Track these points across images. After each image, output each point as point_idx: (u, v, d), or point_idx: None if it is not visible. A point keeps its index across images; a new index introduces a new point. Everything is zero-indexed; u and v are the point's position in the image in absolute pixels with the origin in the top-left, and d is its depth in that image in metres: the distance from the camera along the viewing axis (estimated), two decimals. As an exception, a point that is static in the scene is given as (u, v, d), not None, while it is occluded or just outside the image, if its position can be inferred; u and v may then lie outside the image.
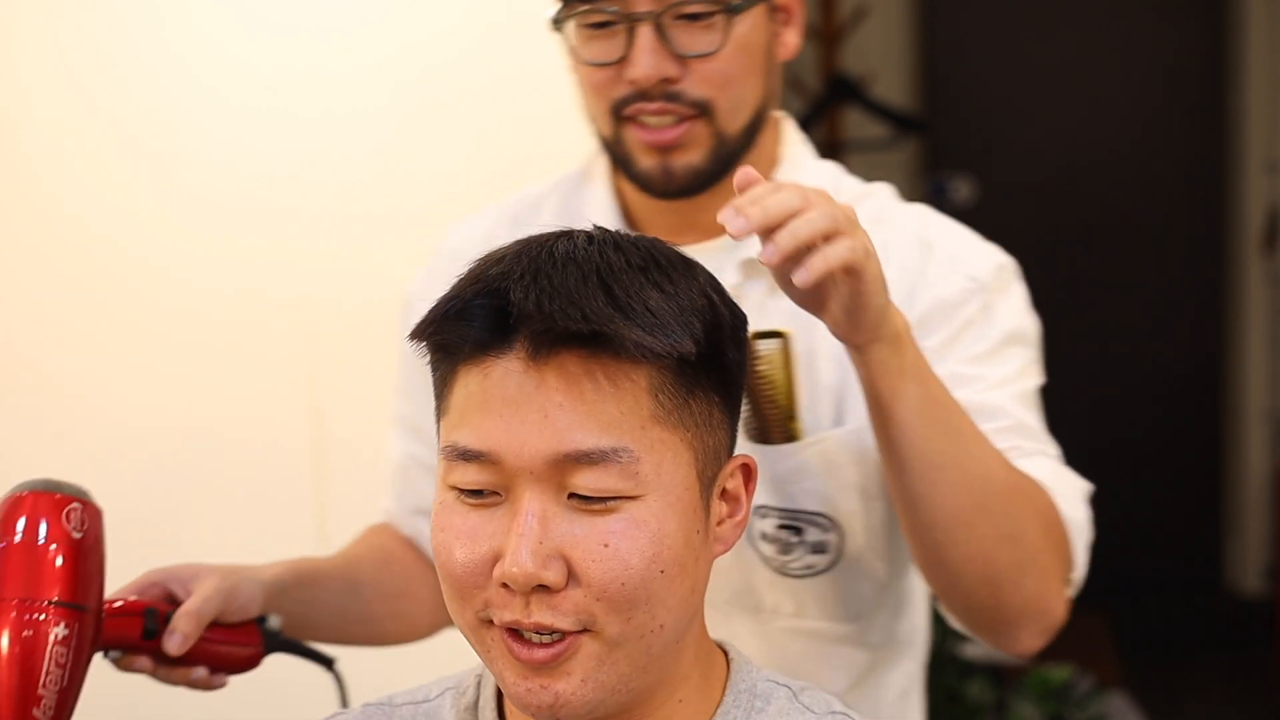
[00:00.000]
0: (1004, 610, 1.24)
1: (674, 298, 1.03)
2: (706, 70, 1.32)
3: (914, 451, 1.18)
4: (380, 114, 2.21)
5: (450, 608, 1.06)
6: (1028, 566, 1.23)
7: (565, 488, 1.01)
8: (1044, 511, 1.26)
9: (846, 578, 1.39)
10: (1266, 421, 5.09)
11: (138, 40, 2.23)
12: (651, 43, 1.30)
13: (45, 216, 2.27)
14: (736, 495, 1.09)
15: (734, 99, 1.34)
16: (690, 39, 1.31)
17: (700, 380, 1.04)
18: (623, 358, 1.00)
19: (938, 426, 1.18)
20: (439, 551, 1.04)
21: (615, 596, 1.00)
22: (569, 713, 1.02)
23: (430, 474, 1.50)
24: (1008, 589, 1.22)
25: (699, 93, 1.32)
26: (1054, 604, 1.26)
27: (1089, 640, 4.29)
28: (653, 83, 1.31)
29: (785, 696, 1.12)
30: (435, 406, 1.09)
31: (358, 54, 2.21)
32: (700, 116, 1.32)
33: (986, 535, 1.20)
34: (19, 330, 2.28)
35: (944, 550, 1.21)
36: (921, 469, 1.18)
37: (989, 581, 1.22)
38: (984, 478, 1.20)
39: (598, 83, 1.34)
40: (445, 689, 1.18)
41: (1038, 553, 1.23)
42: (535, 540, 1.00)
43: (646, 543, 1.01)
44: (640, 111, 1.32)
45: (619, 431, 1.00)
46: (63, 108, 2.24)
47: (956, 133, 5.12)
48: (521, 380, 1.01)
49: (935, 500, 1.19)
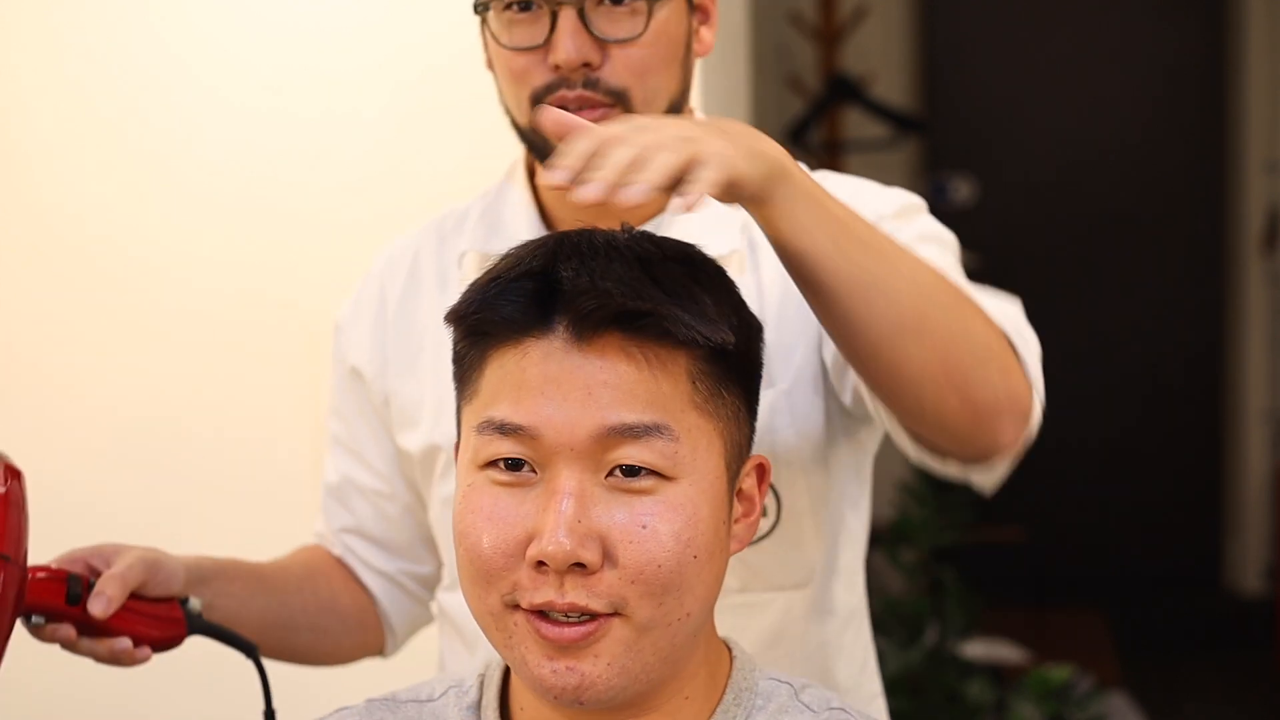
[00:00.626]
0: (977, 408, 1.19)
1: (711, 291, 1.07)
2: (627, 57, 1.33)
3: (837, 278, 1.13)
4: (380, 114, 2.21)
5: (471, 594, 1.06)
6: (985, 357, 1.19)
7: (604, 466, 1.02)
8: (978, 307, 1.22)
9: (790, 543, 1.40)
10: (1266, 421, 5.09)
11: (137, 40, 2.23)
12: (574, 26, 1.32)
13: (45, 216, 2.27)
14: (751, 495, 1.12)
15: (651, 89, 1.35)
16: (612, 24, 1.33)
17: (731, 373, 1.07)
18: (663, 342, 1.03)
19: (851, 241, 1.14)
20: (465, 535, 1.05)
21: (650, 579, 1.01)
22: (593, 695, 1.02)
23: (364, 495, 1.53)
24: (974, 384, 1.18)
25: (617, 81, 1.33)
26: (1021, 389, 1.22)
27: (1089, 640, 4.30)
28: (574, 66, 1.32)
29: (786, 694, 1.13)
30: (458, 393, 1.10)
31: (358, 54, 2.22)
32: (616, 105, 1.34)
33: (936, 336, 1.16)
34: (19, 330, 2.28)
35: (899, 365, 1.17)
36: (849, 290, 1.14)
37: (952, 383, 1.17)
38: (916, 280, 1.16)
39: (518, 70, 1.36)
40: (448, 687, 1.18)
41: (989, 342, 1.20)
42: (574, 518, 1.01)
43: (682, 525, 1.03)
44: (561, 100, 1.33)
45: (662, 410, 1.02)
46: (63, 108, 2.24)
47: (956, 133, 5.13)
48: (563, 360, 1.02)
49: (874, 318, 1.15)
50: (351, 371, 1.51)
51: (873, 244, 1.15)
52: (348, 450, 1.54)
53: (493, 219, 1.47)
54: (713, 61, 2.26)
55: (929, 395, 1.18)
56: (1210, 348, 5.19)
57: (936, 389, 1.18)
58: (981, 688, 3.30)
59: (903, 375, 1.17)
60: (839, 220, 1.14)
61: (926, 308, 1.16)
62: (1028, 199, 5.09)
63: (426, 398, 1.45)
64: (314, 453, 2.26)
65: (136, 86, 2.23)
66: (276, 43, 2.22)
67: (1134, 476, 5.16)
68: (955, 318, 1.18)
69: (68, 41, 2.23)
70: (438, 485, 1.46)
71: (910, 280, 1.16)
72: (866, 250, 1.14)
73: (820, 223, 1.12)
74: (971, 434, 1.21)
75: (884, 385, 1.20)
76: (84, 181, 2.25)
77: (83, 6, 2.22)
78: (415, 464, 1.48)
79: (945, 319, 1.17)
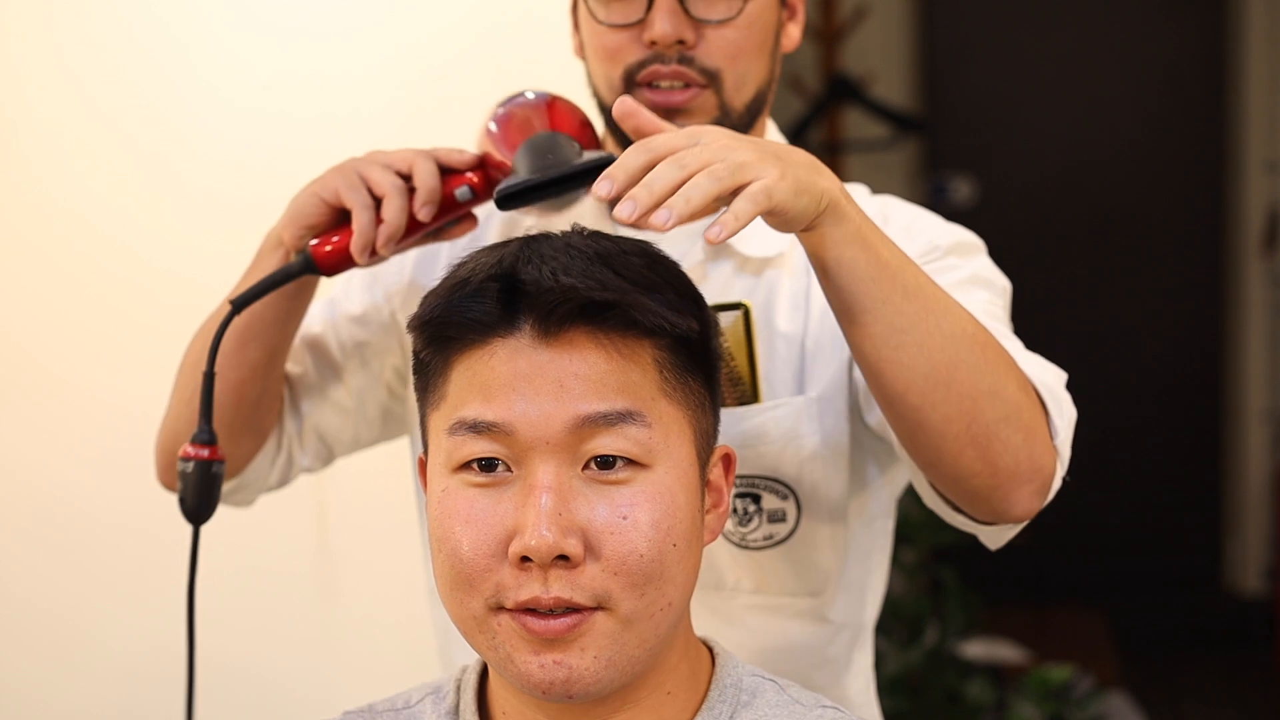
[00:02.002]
0: (996, 470, 1.19)
1: (671, 282, 1.09)
2: (721, 38, 1.36)
3: (871, 316, 1.14)
4: (380, 115, 2.22)
5: (452, 600, 1.06)
6: (1012, 420, 1.18)
7: (580, 458, 1.03)
8: (1015, 367, 1.22)
9: (806, 549, 1.40)
10: (1266, 421, 5.09)
11: (138, 40, 2.23)
12: (671, 4, 1.35)
13: (46, 216, 2.27)
14: (719, 486, 1.13)
15: (741, 73, 1.37)
16: (708, 6, 1.36)
17: (694, 362, 1.09)
18: (630, 332, 1.04)
19: (894, 287, 1.14)
20: (444, 540, 1.05)
21: (632, 569, 1.02)
22: (582, 688, 1.03)
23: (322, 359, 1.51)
24: (995, 447, 1.18)
25: (710, 61, 1.36)
26: (1045, 459, 1.21)
27: (1089, 640, 4.30)
28: (670, 43, 1.35)
29: (773, 690, 1.13)
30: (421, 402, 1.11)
31: (358, 55, 2.22)
32: (709, 86, 1.36)
33: (963, 391, 1.16)
34: (19, 329, 2.28)
35: (923, 414, 1.17)
36: (884, 333, 1.14)
37: (974, 441, 1.17)
38: (952, 334, 1.16)
39: (612, 46, 1.38)
40: (425, 694, 1.18)
41: (1019, 406, 1.19)
42: (554, 511, 1.01)
43: (661, 514, 1.03)
44: (654, 75, 1.36)
45: (633, 397, 1.03)
46: (63, 107, 2.24)
47: (956, 133, 5.13)
48: (532, 356, 1.03)
49: (904, 363, 1.15)
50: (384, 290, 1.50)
51: (916, 292, 1.15)
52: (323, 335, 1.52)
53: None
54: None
55: (949, 449, 1.18)
56: (1210, 348, 5.19)
57: (957, 444, 1.18)
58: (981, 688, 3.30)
59: (925, 424, 1.18)
60: (885, 264, 1.14)
61: (958, 361, 1.16)
62: (1028, 199, 5.08)
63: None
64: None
65: (137, 86, 2.23)
66: (277, 43, 2.22)
67: (1134, 476, 5.15)
68: (987, 375, 1.17)
69: (67, 41, 2.23)
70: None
71: (946, 333, 1.16)
72: (908, 298, 1.15)
73: (865, 264, 1.13)
74: (987, 496, 1.21)
75: (905, 430, 1.20)
76: (84, 181, 2.25)
77: (83, 7, 2.22)
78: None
79: (975, 376, 1.17)
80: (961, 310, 1.19)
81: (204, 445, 1.30)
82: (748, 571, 1.40)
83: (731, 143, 1.08)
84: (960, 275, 1.34)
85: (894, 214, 1.42)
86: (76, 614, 2.29)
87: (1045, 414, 1.23)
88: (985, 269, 1.38)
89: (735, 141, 1.08)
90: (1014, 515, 1.23)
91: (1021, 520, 1.24)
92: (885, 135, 4.80)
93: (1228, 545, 5.20)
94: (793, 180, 1.07)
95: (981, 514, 1.24)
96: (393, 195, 1.30)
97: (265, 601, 2.30)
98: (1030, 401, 1.21)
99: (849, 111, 4.76)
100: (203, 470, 1.29)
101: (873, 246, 1.14)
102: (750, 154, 1.07)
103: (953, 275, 1.33)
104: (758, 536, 1.39)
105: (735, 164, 1.05)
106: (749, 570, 1.40)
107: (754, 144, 1.09)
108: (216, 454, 1.30)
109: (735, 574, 1.40)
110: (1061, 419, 1.24)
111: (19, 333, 2.28)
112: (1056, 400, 1.25)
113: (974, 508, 1.24)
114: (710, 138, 1.08)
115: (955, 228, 1.41)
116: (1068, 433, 1.25)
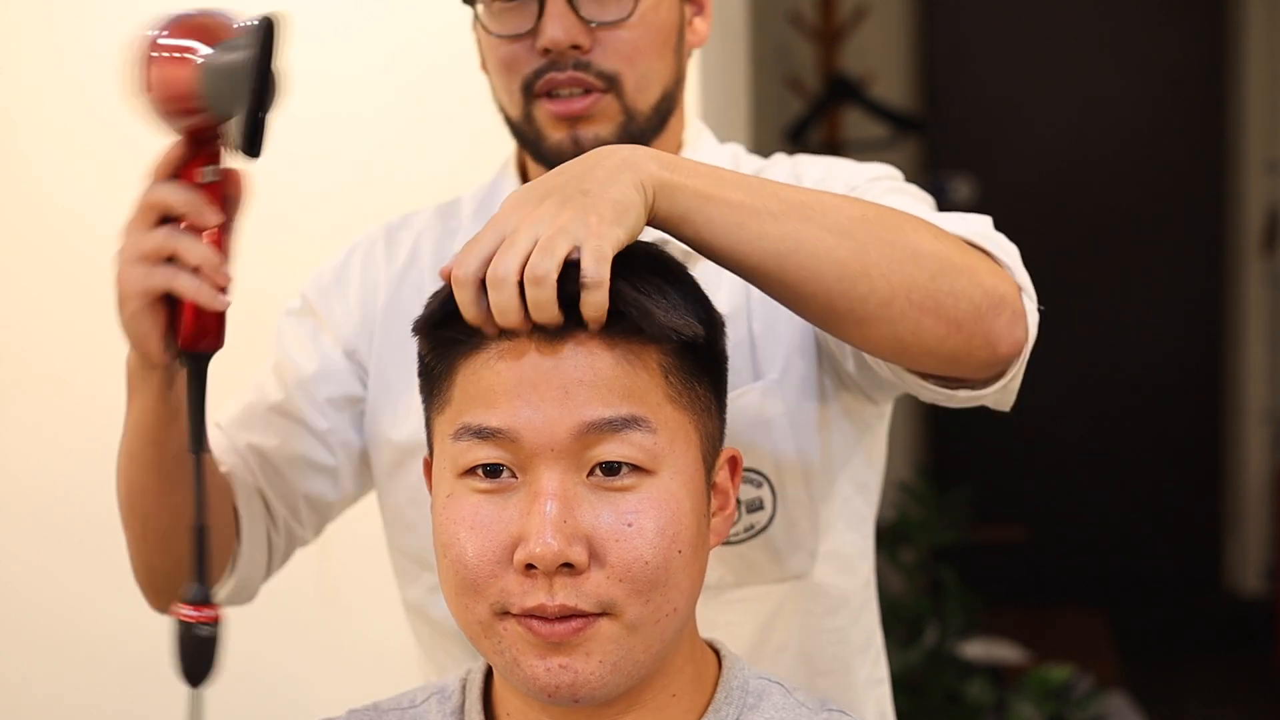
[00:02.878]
0: (958, 321, 1.16)
1: (677, 286, 1.08)
2: (616, 40, 1.33)
3: (758, 257, 1.11)
4: (380, 115, 2.21)
5: (458, 605, 1.05)
6: (946, 270, 1.15)
7: (584, 465, 1.02)
8: (923, 225, 1.18)
9: (786, 535, 1.39)
10: (1266, 421, 5.09)
11: (137, 40, 2.23)
12: (561, 9, 1.32)
13: (45, 216, 2.27)
14: (725, 489, 1.12)
15: (642, 74, 1.35)
16: (600, 7, 1.33)
17: (701, 367, 1.08)
18: (634, 339, 1.03)
19: (760, 219, 1.10)
20: (449, 546, 1.04)
21: (638, 576, 1.01)
22: (588, 693, 1.02)
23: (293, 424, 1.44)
24: (945, 301, 1.14)
25: (607, 64, 1.33)
26: (1001, 287, 1.18)
27: (1089, 640, 4.30)
28: (563, 48, 1.32)
29: (779, 693, 1.13)
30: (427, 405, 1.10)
31: (357, 55, 2.21)
32: (609, 91, 1.34)
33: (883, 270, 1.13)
34: (19, 329, 2.28)
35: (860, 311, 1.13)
36: (775, 264, 1.11)
37: (922, 307, 1.14)
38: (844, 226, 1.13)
39: (508, 58, 1.36)
40: (430, 694, 1.18)
41: (945, 255, 1.16)
42: (559, 519, 1.01)
43: (667, 520, 1.03)
44: (552, 84, 1.33)
45: (638, 403, 1.03)
46: (62, 107, 2.24)
47: (956, 133, 5.13)
48: (537, 361, 1.02)
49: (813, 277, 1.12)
50: (331, 333, 1.47)
51: (787, 211, 1.12)
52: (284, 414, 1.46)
53: (486, 217, 1.46)
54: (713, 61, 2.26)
55: (906, 329, 1.15)
56: (1210, 348, 5.19)
57: (908, 320, 1.14)
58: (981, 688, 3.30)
59: (869, 319, 1.14)
60: (740, 205, 1.11)
61: (864, 246, 1.13)
62: (1028, 199, 5.09)
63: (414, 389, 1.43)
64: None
65: (136, 87, 2.23)
66: (276, 43, 2.22)
67: (1134, 476, 5.15)
68: (898, 244, 1.14)
69: (67, 41, 2.23)
70: (407, 475, 1.42)
71: (838, 229, 1.13)
72: (779, 219, 1.11)
73: (720, 217, 1.10)
74: (965, 349, 1.17)
75: (859, 337, 1.17)
76: (84, 182, 2.25)
77: (83, 6, 2.22)
78: (394, 450, 1.43)
79: (888, 249, 1.14)
80: (843, 200, 1.16)
81: (199, 605, 1.16)
82: (730, 567, 1.39)
83: (530, 214, 1.04)
84: (877, 192, 1.32)
85: (806, 171, 1.40)
86: (77, 613, 2.29)
87: (984, 254, 1.21)
88: (899, 184, 1.36)
89: (531, 208, 1.05)
90: (1003, 353, 1.19)
91: (1015, 353, 1.20)
92: (885, 135, 4.80)
93: (1228, 545, 5.20)
94: (609, 208, 1.04)
95: (978, 370, 1.21)
96: (173, 240, 1.19)
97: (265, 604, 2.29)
98: (957, 245, 1.18)
99: (849, 111, 4.76)
100: (198, 637, 1.16)
101: (718, 196, 1.10)
102: (556, 214, 1.03)
103: (870, 195, 1.30)
104: (738, 529, 1.38)
105: (548, 242, 1.02)
106: (732, 565, 1.39)
107: (555, 193, 1.05)
108: (215, 615, 1.16)
109: (718, 572, 1.39)
110: (999, 250, 1.22)
111: (18, 333, 2.28)
112: (986, 237, 1.22)
113: (968, 369, 1.20)
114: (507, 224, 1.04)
115: (869, 165, 1.40)
116: (1014, 260, 1.22)
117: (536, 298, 1.01)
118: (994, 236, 1.24)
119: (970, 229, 1.23)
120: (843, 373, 1.36)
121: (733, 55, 2.61)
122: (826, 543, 1.42)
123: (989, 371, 1.21)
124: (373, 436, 1.46)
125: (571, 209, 1.04)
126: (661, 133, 1.39)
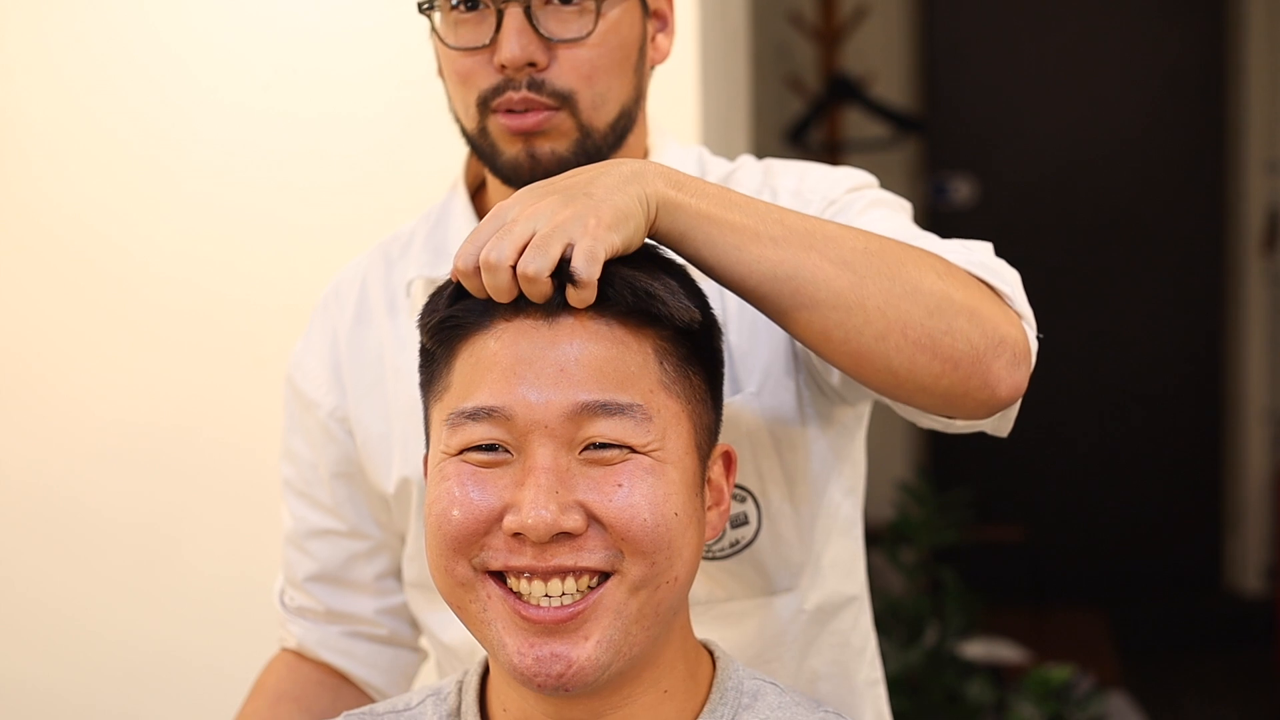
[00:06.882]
0: (955, 362, 1.14)
1: (674, 276, 1.10)
2: (574, 58, 1.30)
3: (755, 280, 1.11)
4: (380, 115, 2.21)
5: (439, 568, 1.06)
6: (945, 308, 1.14)
7: (578, 443, 1.03)
8: (927, 257, 1.17)
9: (772, 549, 1.37)
10: (1266, 421, 5.09)
11: (135, 41, 2.23)
12: (520, 24, 1.29)
13: (42, 218, 2.27)
14: (719, 485, 1.13)
15: (600, 92, 1.32)
16: (560, 24, 1.30)
17: (696, 356, 1.09)
18: (632, 320, 1.05)
19: (761, 244, 1.11)
20: (433, 508, 1.05)
21: (637, 535, 1.03)
22: (580, 680, 1.03)
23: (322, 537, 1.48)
24: (942, 341, 1.14)
25: (562, 83, 1.30)
26: (1004, 329, 1.17)
27: (1089, 640, 4.30)
28: (519, 66, 1.29)
29: (774, 693, 1.13)
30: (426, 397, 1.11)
31: (357, 55, 2.21)
32: (562, 108, 1.31)
33: (880, 304, 1.12)
34: (18, 329, 2.28)
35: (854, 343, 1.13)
36: (773, 288, 1.11)
37: (918, 345, 1.13)
38: (845, 257, 1.12)
39: (464, 71, 1.33)
40: (426, 696, 1.18)
41: (946, 293, 1.15)
42: (552, 490, 1.02)
43: (655, 482, 1.04)
44: (506, 103, 1.31)
45: (634, 388, 1.04)
46: (60, 109, 2.24)
47: (956, 133, 5.13)
48: (535, 339, 1.04)
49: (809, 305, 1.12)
50: (308, 406, 1.47)
51: (788, 237, 1.12)
52: (299, 494, 1.49)
53: (438, 241, 1.44)
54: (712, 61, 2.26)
55: (900, 364, 1.14)
56: (1210, 348, 5.19)
57: (903, 355, 1.14)
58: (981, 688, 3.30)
59: (861, 352, 1.14)
60: (742, 228, 1.11)
61: (862, 278, 1.13)
62: (1028, 199, 5.08)
63: (394, 431, 1.42)
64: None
65: (134, 88, 2.23)
66: (275, 43, 2.22)
67: (1134, 476, 5.15)
68: (898, 279, 1.14)
69: (64, 42, 2.23)
70: (415, 518, 1.43)
71: (839, 259, 1.12)
72: (779, 245, 1.11)
73: (721, 239, 1.10)
74: (961, 389, 1.16)
75: (851, 366, 1.16)
76: (82, 182, 2.25)
77: (81, 6, 2.22)
78: (391, 502, 1.45)
79: (886, 284, 1.13)
80: (847, 231, 1.16)
81: None
82: (718, 583, 1.37)
83: (532, 206, 1.05)
84: (858, 207, 1.31)
85: (780, 182, 1.38)
86: (78, 611, 2.29)
87: (987, 287, 1.19)
88: (878, 194, 1.35)
89: (534, 201, 1.06)
90: (1002, 396, 1.17)
91: (1014, 397, 1.18)
92: (885, 135, 4.80)
93: (1228, 545, 5.20)
94: (610, 213, 1.05)
95: (974, 411, 1.20)
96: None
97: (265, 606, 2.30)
98: (960, 282, 1.17)
99: (849, 111, 4.76)
100: None
101: (721, 218, 1.11)
102: (557, 211, 1.04)
103: (852, 211, 1.31)
104: (724, 545, 1.36)
105: (543, 239, 1.03)
106: (720, 581, 1.37)
107: (560, 193, 1.07)
108: None
109: (707, 587, 1.37)
110: (1004, 284, 1.21)
111: (18, 333, 2.28)
112: (990, 270, 1.21)
113: (964, 408, 1.19)
114: (508, 214, 1.06)
115: (842, 172, 1.38)
116: (1017, 292, 1.21)
117: (530, 293, 1.03)
118: (993, 265, 1.23)
119: (971, 259, 1.22)
120: (824, 384, 1.35)
121: (733, 55, 2.61)
122: (816, 550, 1.40)
123: (987, 412, 1.20)
124: (372, 486, 1.46)
125: (573, 209, 1.05)
126: (619, 148, 1.36)
